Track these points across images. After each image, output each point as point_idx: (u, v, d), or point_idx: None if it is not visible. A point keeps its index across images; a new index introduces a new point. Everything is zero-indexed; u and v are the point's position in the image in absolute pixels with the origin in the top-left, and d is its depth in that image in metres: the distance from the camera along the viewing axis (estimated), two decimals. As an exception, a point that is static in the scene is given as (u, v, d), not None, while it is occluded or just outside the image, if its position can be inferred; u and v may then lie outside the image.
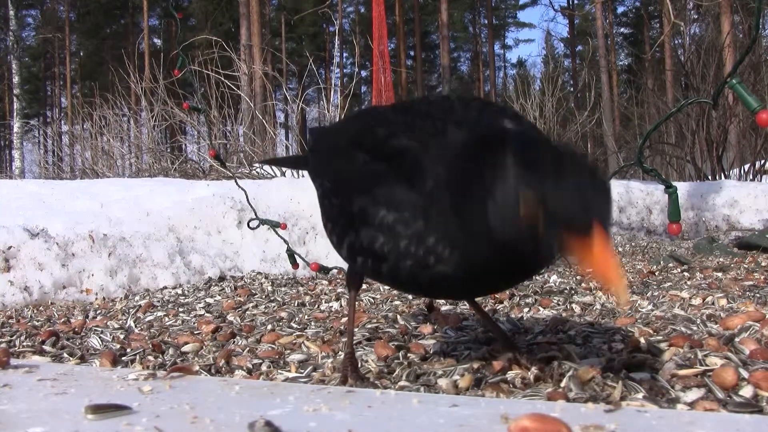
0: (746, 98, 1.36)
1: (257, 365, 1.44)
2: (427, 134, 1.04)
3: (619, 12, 35.11)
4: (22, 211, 3.23)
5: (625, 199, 5.62)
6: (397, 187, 1.03)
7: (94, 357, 1.58)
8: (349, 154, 1.14)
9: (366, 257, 1.10)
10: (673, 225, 1.58)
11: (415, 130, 1.06)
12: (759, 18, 1.41)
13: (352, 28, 33.51)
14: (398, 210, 1.02)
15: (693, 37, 11.11)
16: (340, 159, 1.18)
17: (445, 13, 24.54)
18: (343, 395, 1.00)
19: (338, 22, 17.38)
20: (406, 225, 1.02)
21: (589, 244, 0.84)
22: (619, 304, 0.85)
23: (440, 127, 1.05)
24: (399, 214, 1.02)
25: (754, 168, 8.55)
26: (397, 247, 1.03)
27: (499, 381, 1.15)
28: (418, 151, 1.02)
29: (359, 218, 1.08)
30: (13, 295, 2.67)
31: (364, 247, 1.09)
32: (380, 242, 1.05)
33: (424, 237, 1.01)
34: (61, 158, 11.99)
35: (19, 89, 20.35)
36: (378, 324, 1.77)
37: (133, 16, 35.67)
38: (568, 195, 0.85)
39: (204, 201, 3.78)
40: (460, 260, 0.99)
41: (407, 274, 1.05)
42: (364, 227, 1.07)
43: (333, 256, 3.63)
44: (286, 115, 11.28)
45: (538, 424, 0.75)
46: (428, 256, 1.01)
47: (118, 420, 0.87)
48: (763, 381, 1.01)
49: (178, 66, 3.06)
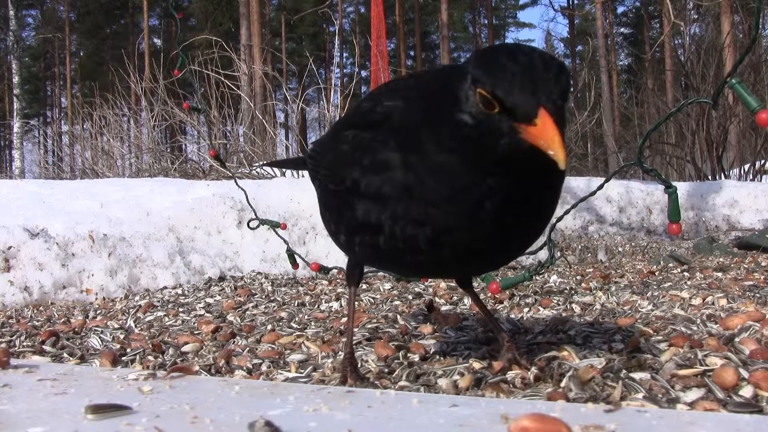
0: (746, 98, 1.36)
1: (257, 365, 1.44)
2: (409, 92, 1.07)
3: (619, 12, 35.16)
4: (22, 211, 3.23)
5: (625, 199, 5.62)
6: (383, 151, 1.04)
7: (94, 357, 1.58)
8: (341, 135, 1.17)
9: (363, 235, 1.10)
10: (673, 225, 1.58)
11: (396, 93, 1.09)
12: (759, 18, 1.41)
13: (352, 28, 33.51)
14: (386, 173, 1.03)
15: (693, 37, 11.12)
16: (334, 142, 1.21)
17: (445, 13, 24.55)
18: (343, 395, 1.00)
19: (338, 22, 17.39)
20: (395, 185, 1.02)
21: (534, 127, 0.87)
22: (560, 166, 0.86)
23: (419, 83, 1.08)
24: (387, 177, 1.03)
25: (754, 168, 8.55)
26: (391, 211, 1.03)
27: (499, 381, 1.15)
28: (399, 110, 1.05)
29: (353, 193, 1.08)
30: (13, 295, 2.67)
31: (360, 222, 1.08)
32: (375, 212, 1.05)
33: (413, 190, 1.00)
34: (61, 158, 11.98)
35: (19, 89, 20.35)
36: (378, 324, 1.77)
37: (133, 16, 35.68)
38: (515, 83, 0.88)
39: (204, 201, 3.78)
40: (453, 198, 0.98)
41: (405, 240, 1.04)
42: (358, 202, 1.08)
43: (333, 256, 3.64)
44: (286, 115, 11.27)
45: (538, 424, 0.75)
46: (421, 207, 1.00)
47: (118, 420, 0.87)
48: (763, 381, 1.01)
49: (178, 66, 3.06)
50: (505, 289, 1.85)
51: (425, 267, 1.11)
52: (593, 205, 5.41)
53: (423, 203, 1.00)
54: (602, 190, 1.79)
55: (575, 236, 5.02)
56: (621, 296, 2.14)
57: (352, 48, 32.49)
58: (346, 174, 1.09)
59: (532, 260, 3.24)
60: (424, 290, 2.51)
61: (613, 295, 2.16)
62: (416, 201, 1.00)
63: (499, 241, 1.04)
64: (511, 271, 3.13)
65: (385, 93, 1.12)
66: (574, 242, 4.65)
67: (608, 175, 1.82)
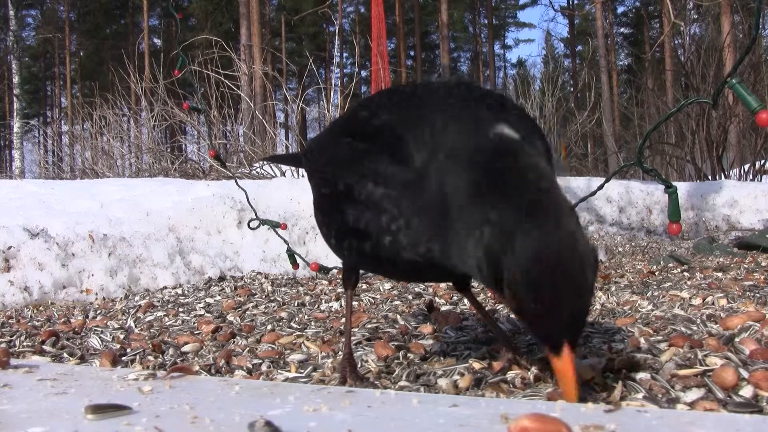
0: (746, 98, 1.36)
1: (257, 365, 1.44)
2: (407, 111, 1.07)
3: (619, 12, 35.15)
4: (22, 211, 3.22)
5: (625, 199, 5.62)
6: (377, 163, 1.05)
7: (94, 357, 1.58)
8: (336, 140, 1.19)
9: (351, 240, 1.12)
10: (673, 225, 1.59)
11: (398, 110, 1.09)
12: (759, 18, 1.41)
13: (352, 28, 33.52)
14: (378, 186, 1.04)
15: (693, 37, 11.12)
16: (329, 146, 1.22)
17: (445, 13, 24.53)
18: (343, 395, 1.00)
19: (338, 22, 17.40)
20: (386, 199, 1.03)
21: (556, 361, 0.89)
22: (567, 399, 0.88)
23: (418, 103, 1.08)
24: (378, 190, 1.04)
25: (754, 168, 8.56)
26: (378, 222, 1.05)
27: (499, 381, 1.15)
28: (397, 125, 1.05)
29: (345, 198, 1.10)
30: (13, 295, 2.67)
31: (349, 227, 1.11)
32: (364, 220, 1.07)
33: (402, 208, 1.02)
34: (61, 158, 11.98)
35: (19, 89, 20.35)
36: (378, 324, 1.77)
37: (133, 16, 35.68)
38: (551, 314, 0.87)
39: (204, 201, 3.78)
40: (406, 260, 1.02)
41: (387, 250, 1.06)
42: (348, 207, 1.10)
43: (333, 256, 3.62)
44: (286, 115, 11.27)
45: (538, 424, 0.75)
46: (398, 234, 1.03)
47: (118, 420, 0.87)
48: (763, 381, 1.01)
49: (178, 66, 3.06)
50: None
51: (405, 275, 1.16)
52: (593, 205, 5.41)
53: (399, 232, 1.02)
54: (602, 190, 1.79)
55: (575, 236, 5.01)
56: (621, 296, 2.14)
57: (352, 48, 32.50)
58: (339, 178, 1.11)
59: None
60: (424, 290, 2.51)
61: (613, 295, 2.16)
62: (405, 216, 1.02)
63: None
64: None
65: (386, 105, 1.12)
66: (574, 242, 4.64)
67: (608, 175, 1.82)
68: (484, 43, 38.56)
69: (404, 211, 1.02)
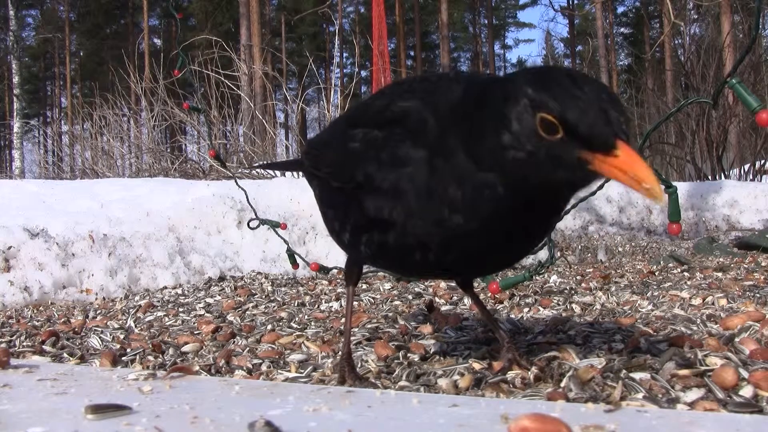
0: (746, 98, 1.36)
1: (257, 365, 1.44)
2: (425, 94, 1.05)
3: (619, 12, 35.17)
4: (22, 211, 3.23)
5: (625, 199, 5.62)
6: (401, 148, 1.02)
7: (94, 357, 1.58)
8: (345, 134, 1.15)
9: (371, 233, 1.08)
10: (673, 225, 1.59)
11: (412, 94, 1.07)
12: (759, 18, 1.41)
13: (352, 28, 33.51)
14: (404, 169, 1.01)
15: (693, 37, 11.12)
16: (337, 141, 1.19)
17: (445, 13, 24.55)
18: (343, 395, 1.00)
19: (338, 22, 17.40)
20: (413, 182, 1.00)
21: (615, 159, 0.84)
22: (656, 202, 0.84)
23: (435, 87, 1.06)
24: (405, 173, 1.01)
25: (754, 168, 8.55)
26: (406, 207, 1.01)
27: (499, 381, 1.15)
28: (418, 108, 1.03)
29: (364, 189, 1.06)
30: (13, 295, 2.67)
31: (371, 218, 1.07)
32: (387, 208, 1.03)
33: (433, 190, 0.98)
34: (61, 158, 11.99)
35: (19, 89, 20.34)
36: (378, 324, 1.77)
37: (133, 16, 35.68)
38: (589, 110, 0.84)
39: (204, 201, 3.78)
40: (475, 207, 0.96)
41: (417, 237, 1.02)
42: (369, 197, 1.06)
43: (333, 256, 3.64)
44: (286, 115, 11.29)
45: (538, 424, 0.75)
46: (442, 207, 0.98)
47: (118, 420, 0.87)
48: (763, 381, 1.01)
49: (178, 66, 3.06)
50: (505, 289, 1.85)
51: (430, 266, 1.10)
52: (593, 205, 5.41)
53: (442, 204, 0.98)
54: (602, 190, 1.79)
55: (575, 236, 5.02)
56: (621, 296, 2.14)
57: (352, 48, 32.51)
58: (357, 170, 1.07)
59: (532, 260, 3.24)
60: (424, 290, 2.51)
61: (613, 295, 2.16)
62: (434, 201, 0.99)
63: (507, 250, 1.06)
64: (512, 271, 3.13)
65: (399, 93, 1.10)
66: (574, 242, 4.65)
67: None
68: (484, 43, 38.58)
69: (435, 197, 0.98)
